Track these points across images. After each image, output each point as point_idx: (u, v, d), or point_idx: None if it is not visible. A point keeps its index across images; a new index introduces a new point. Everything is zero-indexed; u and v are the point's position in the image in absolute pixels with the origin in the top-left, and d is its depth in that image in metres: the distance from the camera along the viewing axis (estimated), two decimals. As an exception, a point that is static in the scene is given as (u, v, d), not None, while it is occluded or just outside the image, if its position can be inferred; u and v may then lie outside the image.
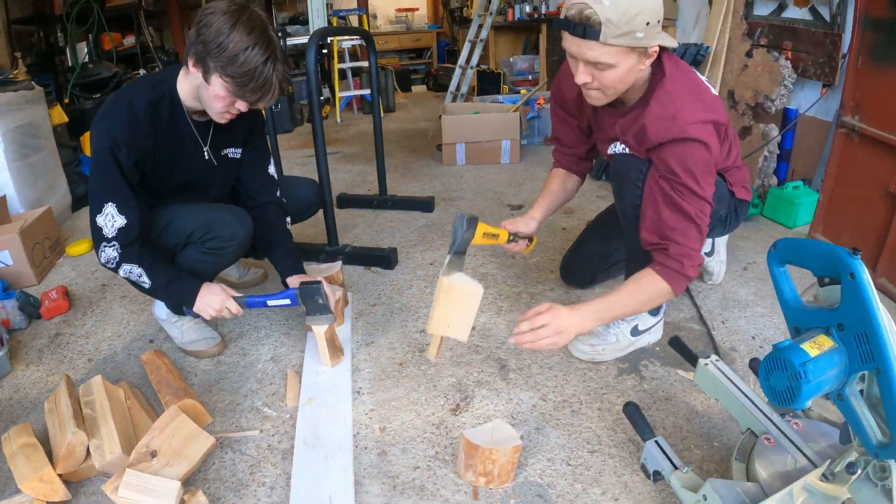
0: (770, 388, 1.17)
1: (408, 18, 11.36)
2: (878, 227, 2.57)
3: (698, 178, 1.61)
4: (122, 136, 1.71)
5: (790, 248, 1.27)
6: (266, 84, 1.68)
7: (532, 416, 1.73)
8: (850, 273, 1.11)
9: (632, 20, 1.46)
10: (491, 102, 5.19)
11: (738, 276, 2.54)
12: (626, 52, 1.52)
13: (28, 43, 6.58)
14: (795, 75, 3.33)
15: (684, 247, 1.64)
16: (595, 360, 1.95)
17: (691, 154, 1.60)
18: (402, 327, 2.24)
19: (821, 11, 3.30)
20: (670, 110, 1.61)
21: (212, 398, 1.89)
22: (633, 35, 1.48)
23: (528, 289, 2.47)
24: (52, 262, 3.09)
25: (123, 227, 1.75)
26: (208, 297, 1.88)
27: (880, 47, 2.61)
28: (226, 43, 1.60)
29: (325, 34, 2.97)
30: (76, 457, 1.52)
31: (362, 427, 1.72)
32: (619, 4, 1.44)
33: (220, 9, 1.62)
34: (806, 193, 3.14)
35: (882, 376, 1.09)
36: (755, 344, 2.06)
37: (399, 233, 3.21)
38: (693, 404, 1.75)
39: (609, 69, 1.55)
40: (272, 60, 1.65)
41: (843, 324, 1.15)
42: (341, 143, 5.72)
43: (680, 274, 1.65)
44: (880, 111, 2.63)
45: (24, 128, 3.47)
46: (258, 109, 2.10)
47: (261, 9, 1.71)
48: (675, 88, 1.64)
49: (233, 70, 1.62)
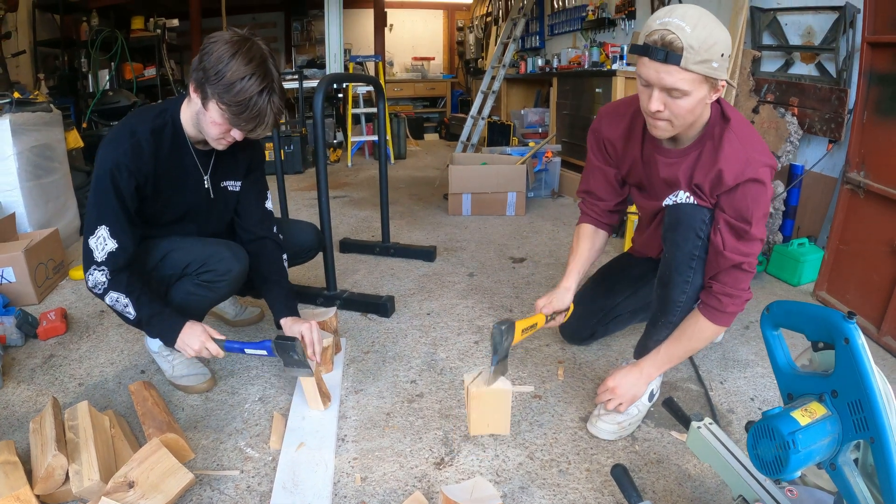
0: (758, 457, 1.12)
1: (423, 67, 11.56)
2: (883, 285, 2.53)
3: (760, 220, 1.68)
4: (124, 160, 1.74)
5: (784, 311, 1.23)
6: (260, 115, 1.70)
7: (517, 474, 1.67)
8: (845, 338, 1.07)
9: (710, 49, 1.51)
10: (500, 154, 5.21)
11: (739, 336, 2.49)
12: (701, 81, 1.56)
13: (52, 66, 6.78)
14: (801, 131, 3.33)
15: (726, 286, 1.73)
16: (622, 436, 1.85)
17: (759, 196, 1.66)
18: (393, 376, 2.20)
19: (827, 67, 3.32)
20: (743, 153, 1.66)
21: (196, 434, 1.87)
22: (710, 64, 1.53)
23: (524, 343, 2.42)
24: (55, 284, 3.12)
25: (114, 251, 1.77)
26: (189, 336, 1.87)
27: (886, 102, 2.61)
28: (224, 71, 1.63)
29: (332, 80, 3.00)
30: (55, 479, 1.51)
31: (343, 475, 1.68)
32: (699, 32, 1.50)
33: (224, 38, 1.66)
34: (811, 251, 3.09)
35: (876, 446, 1.04)
36: (754, 406, 1.99)
37: (399, 281, 3.19)
38: (686, 468, 1.69)
39: (683, 97, 1.58)
40: (268, 92, 1.67)
41: (837, 390, 1.11)
42: (350, 188, 5.75)
43: (718, 311, 1.75)
44: (886, 167, 2.61)
45: (39, 149, 3.53)
46: (259, 143, 2.13)
47: (271, 45, 1.74)
48: (744, 131, 1.70)
49: (229, 98, 1.65)
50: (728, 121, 1.71)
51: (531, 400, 2.04)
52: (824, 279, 2.91)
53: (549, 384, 2.14)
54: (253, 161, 2.13)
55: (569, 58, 6.32)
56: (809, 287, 3.01)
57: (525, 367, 2.25)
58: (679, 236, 1.77)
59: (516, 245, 3.83)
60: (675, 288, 1.82)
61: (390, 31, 11.28)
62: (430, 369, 2.24)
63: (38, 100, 3.73)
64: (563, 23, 7.13)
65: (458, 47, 12.12)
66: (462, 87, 11.64)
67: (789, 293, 3.01)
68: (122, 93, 5.83)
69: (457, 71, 12.06)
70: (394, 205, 4.92)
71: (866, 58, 2.69)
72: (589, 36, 6.45)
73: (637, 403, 1.88)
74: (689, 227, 1.75)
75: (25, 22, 6.21)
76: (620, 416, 1.85)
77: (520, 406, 2.00)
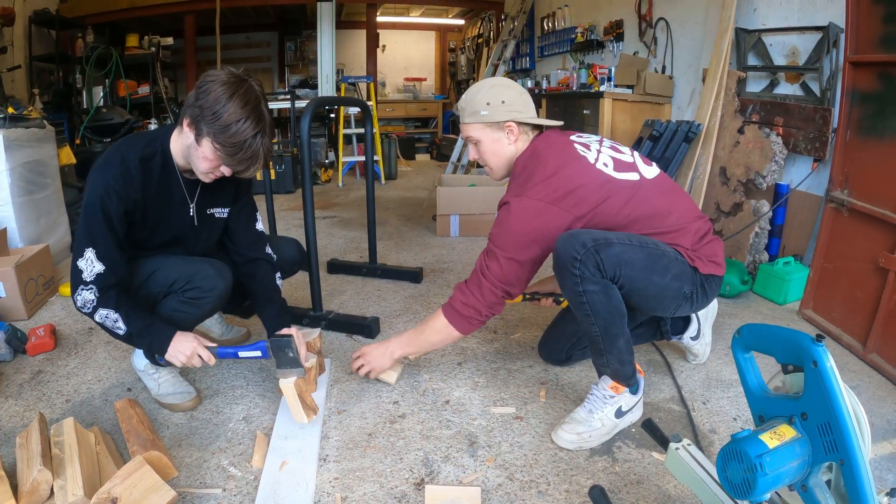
0: (727, 479, 1.12)
1: (415, 88, 11.63)
2: (868, 303, 2.54)
3: (502, 241, 1.92)
4: (113, 185, 1.78)
5: (754, 334, 1.24)
6: (253, 156, 1.75)
7: (497, 495, 1.66)
8: (813, 361, 1.08)
9: (471, 102, 2.00)
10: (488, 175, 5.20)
11: (723, 355, 2.49)
12: (482, 127, 2.01)
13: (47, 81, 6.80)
14: (786, 151, 3.36)
15: (464, 282, 2.03)
16: (583, 447, 1.87)
17: (503, 219, 1.93)
18: (375, 397, 2.19)
19: (811, 87, 3.35)
20: (512, 183, 2.01)
21: (180, 452, 1.87)
22: (479, 114, 1.98)
23: (507, 365, 2.42)
24: (44, 300, 3.13)
25: (102, 272, 1.80)
26: (181, 343, 1.89)
27: (868, 121, 2.63)
28: (221, 112, 1.67)
29: (319, 104, 3.01)
30: (39, 494, 1.52)
31: (324, 495, 1.67)
32: (466, 95, 2.04)
33: (221, 79, 1.70)
34: (797, 269, 3.11)
35: (846, 468, 1.05)
36: (736, 426, 1.99)
37: (385, 302, 3.19)
38: (666, 488, 1.68)
39: (479, 143, 2.04)
40: (261, 135, 1.73)
41: (807, 413, 1.11)
42: (339, 208, 5.76)
43: (448, 304, 2.02)
44: (868, 185, 2.63)
45: (32, 164, 3.54)
46: None
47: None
48: (521, 165, 2.00)
49: (224, 139, 1.69)
50: (520, 157, 2.03)
51: (512, 421, 2.03)
52: (810, 297, 2.92)
53: (531, 405, 2.13)
54: (240, 188, 2.16)
55: (558, 79, 6.36)
56: (795, 306, 3.02)
57: (507, 388, 2.25)
58: (559, 276, 1.81)
59: (504, 265, 3.81)
60: (583, 322, 1.85)
61: (383, 51, 11.37)
62: (413, 390, 2.24)
63: (32, 116, 3.75)
64: (552, 44, 7.19)
65: (449, 68, 12.22)
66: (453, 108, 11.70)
67: (775, 312, 3.02)
68: (115, 110, 5.86)
69: (448, 92, 12.14)
70: (382, 225, 4.93)
71: (849, 77, 2.71)
72: (578, 58, 6.50)
73: (602, 417, 1.90)
74: (563, 267, 1.77)
75: (22, 36, 6.26)
76: (580, 426, 1.89)
77: (501, 427, 2.00)
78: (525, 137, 2.03)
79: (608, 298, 1.77)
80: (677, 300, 1.87)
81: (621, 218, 1.86)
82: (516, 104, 1.99)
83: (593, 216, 1.85)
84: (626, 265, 1.73)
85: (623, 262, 1.73)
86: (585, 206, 1.84)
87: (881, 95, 2.57)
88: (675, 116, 4.74)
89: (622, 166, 1.93)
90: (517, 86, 2.05)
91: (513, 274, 1.90)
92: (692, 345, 2.35)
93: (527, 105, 2.02)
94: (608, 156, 1.94)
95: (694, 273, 1.86)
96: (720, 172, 3.70)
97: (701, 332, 2.35)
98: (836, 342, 2.63)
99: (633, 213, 1.86)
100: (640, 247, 1.77)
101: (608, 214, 1.85)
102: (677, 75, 4.76)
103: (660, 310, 1.93)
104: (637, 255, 1.76)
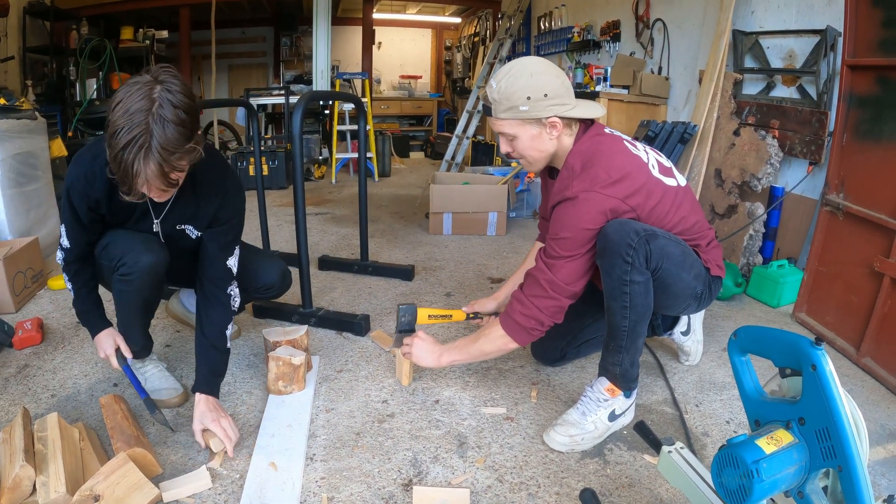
0: (722, 485, 1.09)
1: (411, 85, 11.58)
2: (862, 307, 2.53)
3: (562, 237, 1.79)
4: (76, 185, 1.77)
5: (751, 336, 1.22)
6: (125, 173, 1.52)
7: (486, 497, 1.63)
8: (812, 365, 1.06)
9: (510, 97, 1.80)
10: (482, 174, 5.19)
11: (716, 357, 2.47)
12: (520, 124, 1.84)
13: (41, 73, 6.73)
14: (782, 154, 3.34)
15: (521, 290, 1.88)
16: (574, 450, 1.85)
17: (567, 215, 1.79)
18: (364, 396, 2.16)
19: (808, 90, 3.33)
20: (568, 178, 1.82)
21: (165, 449, 1.84)
22: (517, 109, 1.80)
23: (498, 364, 2.40)
24: (32, 293, 3.09)
25: (68, 248, 1.91)
26: (102, 340, 2.02)
27: (865, 124, 2.62)
28: (108, 122, 1.52)
29: (311, 98, 2.96)
30: (22, 490, 1.50)
31: (310, 495, 1.64)
32: (501, 86, 1.81)
33: (127, 83, 1.57)
34: (791, 272, 3.09)
35: (844, 474, 1.02)
36: (729, 429, 1.97)
37: (375, 299, 3.16)
38: (658, 492, 1.66)
39: (515, 139, 1.88)
40: (136, 147, 1.49)
41: (805, 418, 1.08)
42: (332, 205, 5.72)
43: (507, 315, 1.90)
44: (864, 189, 2.62)
45: (23, 156, 3.50)
46: (237, 199, 2.00)
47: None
48: (577, 159, 1.84)
49: (108, 153, 1.54)
50: (575, 152, 1.88)
51: (503, 421, 2.01)
52: (804, 301, 2.90)
53: (522, 406, 2.11)
54: (220, 215, 1.96)
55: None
56: (789, 309, 3.01)
57: (498, 389, 2.22)
58: (606, 263, 1.76)
59: (496, 265, 3.80)
60: (615, 314, 1.82)
61: (378, 48, 11.32)
62: (402, 390, 2.21)
63: (24, 107, 3.70)
64: (549, 44, 7.16)
65: (445, 66, 12.18)
66: (448, 106, 11.67)
67: (768, 314, 3.00)
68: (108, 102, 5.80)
69: (444, 90, 12.10)
70: (375, 223, 4.89)
71: (846, 81, 2.70)
72: (574, 58, 6.48)
73: (595, 420, 1.88)
74: (614, 253, 1.73)
75: (15, 27, 6.18)
76: (573, 428, 1.87)
77: (491, 427, 1.97)
78: (568, 132, 1.89)
79: (647, 293, 1.78)
80: (689, 299, 1.91)
81: (669, 220, 1.87)
82: (560, 95, 1.82)
83: (648, 216, 1.83)
84: (667, 259, 1.75)
85: (665, 254, 1.75)
86: (648, 206, 1.82)
87: (879, 99, 2.55)
88: (671, 117, 4.72)
89: (665, 170, 1.92)
90: (555, 69, 1.87)
91: (581, 269, 1.81)
92: (683, 341, 2.33)
93: (569, 92, 1.85)
94: (654, 159, 1.92)
95: (707, 274, 1.91)
96: (715, 174, 3.68)
97: (691, 327, 2.34)
98: (829, 346, 2.61)
99: (676, 216, 1.88)
100: (677, 243, 1.82)
101: (659, 215, 1.84)
102: (674, 76, 4.74)
103: (674, 307, 1.94)
104: (675, 251, 1.80)
